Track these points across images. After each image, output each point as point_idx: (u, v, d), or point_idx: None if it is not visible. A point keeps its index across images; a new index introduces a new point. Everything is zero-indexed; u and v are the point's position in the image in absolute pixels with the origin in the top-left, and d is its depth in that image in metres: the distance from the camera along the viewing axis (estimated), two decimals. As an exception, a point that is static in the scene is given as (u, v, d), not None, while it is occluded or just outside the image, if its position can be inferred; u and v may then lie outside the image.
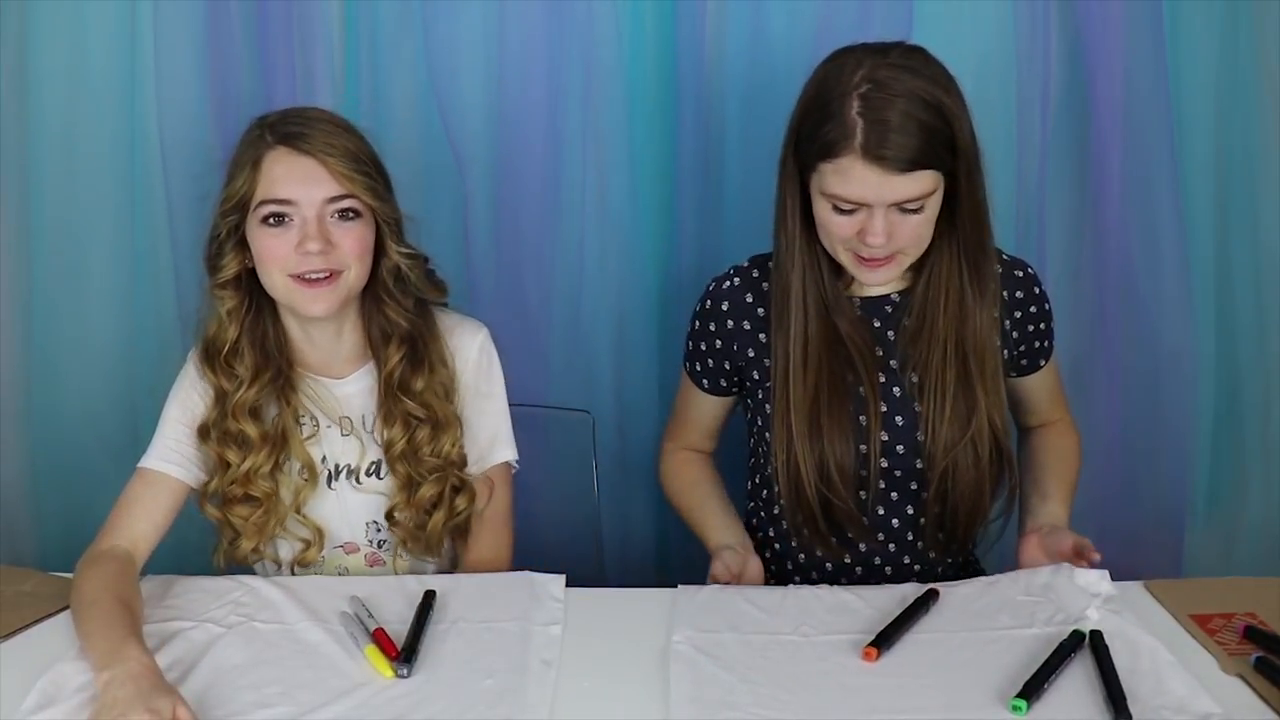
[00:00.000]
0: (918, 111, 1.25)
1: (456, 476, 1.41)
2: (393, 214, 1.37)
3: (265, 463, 1.36)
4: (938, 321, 1.38)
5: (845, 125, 1.26)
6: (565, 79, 1.71)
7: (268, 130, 1.33)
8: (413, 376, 1.39)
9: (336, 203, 1.31)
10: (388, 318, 1.39)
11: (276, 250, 1.31)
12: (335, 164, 1.30)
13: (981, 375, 1.38)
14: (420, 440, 1.39)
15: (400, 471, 1.39)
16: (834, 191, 1.29)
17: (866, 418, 1.39)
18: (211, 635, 1.20)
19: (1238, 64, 1.73)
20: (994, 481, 1.42)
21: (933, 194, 1.29)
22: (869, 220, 1.28)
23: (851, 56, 1.31)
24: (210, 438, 1.36)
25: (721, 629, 1.22)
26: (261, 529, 1.38)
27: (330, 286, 1.32)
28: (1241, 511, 1.89)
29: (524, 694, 1.10)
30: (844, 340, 1.39)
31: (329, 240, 1.30)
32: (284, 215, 1.30)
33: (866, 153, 1.25)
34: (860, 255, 1.32)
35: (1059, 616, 1.23)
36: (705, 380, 1.51)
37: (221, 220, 1.34)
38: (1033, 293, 1.47)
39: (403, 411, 1.38)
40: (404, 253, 1.38)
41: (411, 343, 1.40)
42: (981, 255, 1.37)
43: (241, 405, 1.35)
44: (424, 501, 1.39)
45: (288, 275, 1.31)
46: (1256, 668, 1.13)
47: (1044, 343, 1.50)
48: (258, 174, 1.31)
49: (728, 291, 1.46)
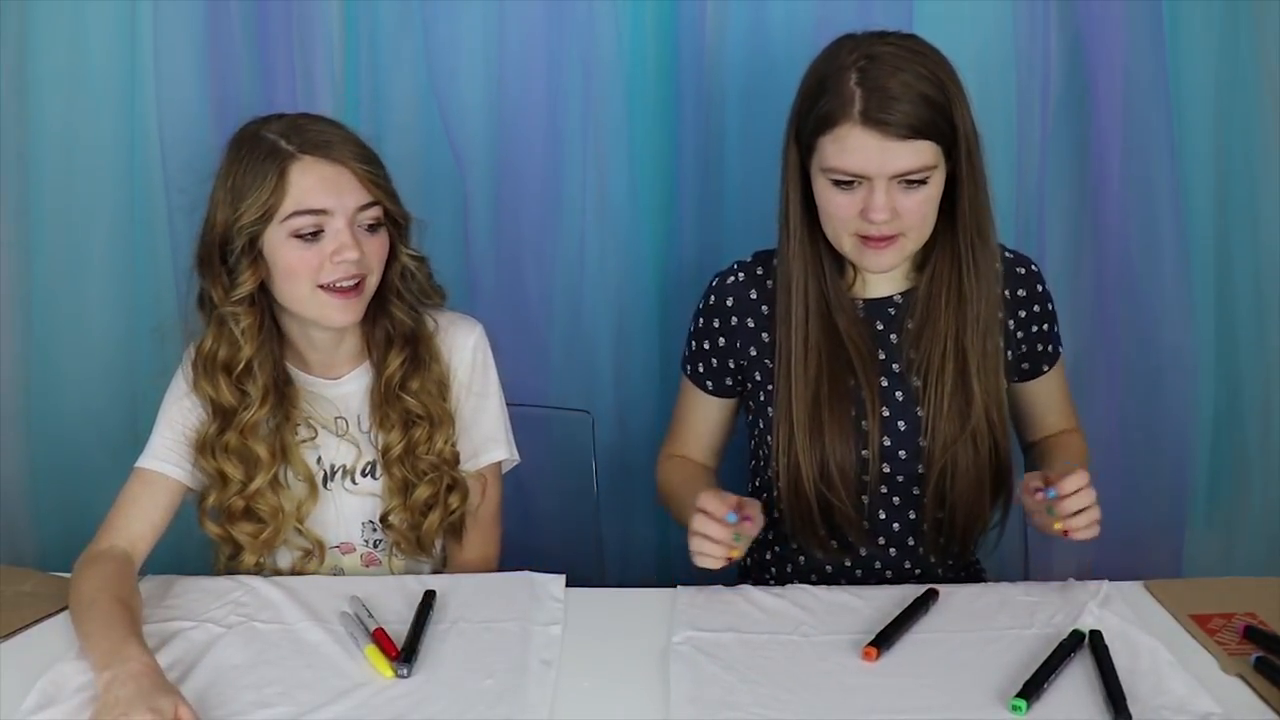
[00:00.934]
0: (916, 83, 1.25)
1: (450, 475, 1.40)
2: (405, 217, 1.36)
3: (269, 478, 1.35)
4: (939, 319, 1.37)
5: (843, 96, 1.25)
6: (565, 79, 1.71)
7: (283, 139, 1.29)
8: (411, 376, 1.38)
9: (365, 211, 1.30)
10: (393, 319, 1.38)
11: (309, 261, 1.28)
12: (363, 171, 1.30)
13: (980, 370, 1.37)
14: (417, 440, 1.38)
15: (396, 475, 1.38)
16: (833, 164, 1.27)
17: (867, 421, 1.38)
18: (211, 635, 1.20)
19: (1238, 64, 1.73)
20: (992, 484, 1.40)
21: (934, 169, 1.28)
22: (870, 195, 1.27)
23: (848, 40, 1.31)
24: (210, 453, 1.34)
25: (721, 629, 1.22)
26: (266, 544, 1.36)
27: (358, 296, 1.31)
28: (1241, 511, 1.89)
29: (524, 694, 1.10)
30: (845, 342, 1.38)
31: (361, 249, 1.30)
32: (319, 226, 1.28)
33: (866, 118, 1.24)
34: (864, 235, 1.30)
35: (1059, 617, 1.23)
36: (709, 381, 1.48)
37: (238, 234, 1.28)
38: (1035, 291, 1.45)
39: (401, 410, 1.37)
40: (412, 255, 1.37)
41: (413, 344, 1.39)
42: (981, 245, 1.35)
43: (252, 426, 1.33)
44: (419, 503, 1.38)
45: (316, 286, 1.29)
46: (1256, 668, 1.13)
47: (1048, 345, 1.48)
48: (285, 183, 1.27)
49: (732, 287, 1.45)
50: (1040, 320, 1.46)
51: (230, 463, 1.34)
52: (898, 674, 1.13)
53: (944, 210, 1.33)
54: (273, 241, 1.29)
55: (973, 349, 1.37)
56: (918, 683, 1.12)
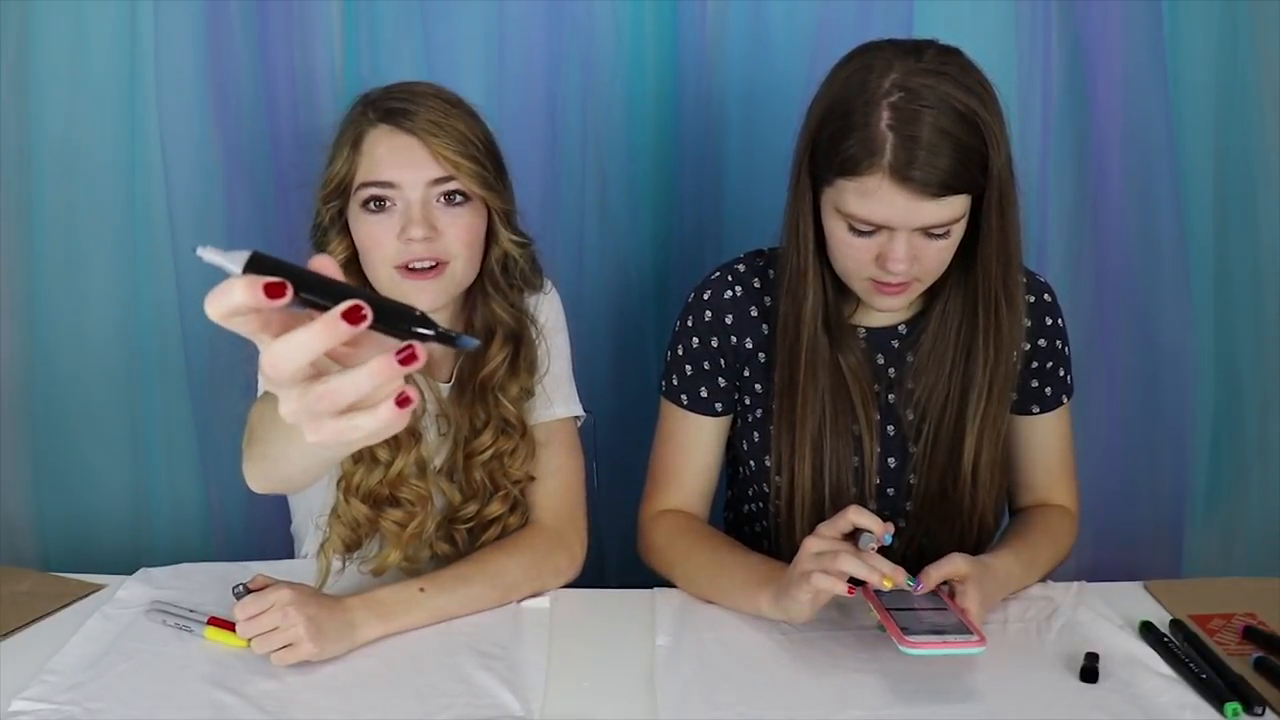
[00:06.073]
0: (954, 128, 1.11)
1: (517, 497, 1.33)
2: (503, 204, 1.27)
3: (412, 463, 1.26)
4: (944, 363, 1.28)
5: (873, 141, 1.12)
6: (565, 79, 1.71)
7: (370, 107, 1.24)
8: (511, 380, 1.30)
9: (440, 185, 1.21)
10: (493, 312, 1.29)
11: (380, 238, 1.21)
12: (439, 145, 1.20)
13: (978, 415, 1.27)
14: (506, 450, 1.30)
15: (476, 479, 1.29)
16: (853, 211, 1.15)
17: (860, 459, 1.32)
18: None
19: (1237, 64, 1.73)
20: (974, 543, 1.34)
21: (961, 219, 1.17)
22: (890, 244, 1.16)
23: (880, 57, 1.15)
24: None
25: (701, 629, 1.22)
26: (414, 535, 1.27)
27: (437, 277, 1.22)
28: (1241, 511, 1.89)
29: (512, 694, 1.09)
30: (845, 376, 1.29)
31: (434, 226, 1.21)
32: (385, 199, 1.21)
33: (895, 173, 1.11)
34: (877, 281, 1.20)
35: (1031, 611, 1.24)
36: (719, 403, 1.36)
37: (323, 206, 1.25)
38: (1043, 324, 1.34)
39: (497, 416, 1.29)
40: (515, 240, 1.28)
41: (515, 343, 1.31)
42: (1005, 300, 1.23)
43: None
44: (488, 518, 1.31)
45: (392, 267, 1.22)
46: (1256, 668, 1.13)
47: (1045, 387, 1.36)
48: (358, 155, 1.22)
49: (729, 302, 1.35)
50: (1045, 357, 1.35)
51: (381, 444, 1.23)
52: (879, 671, 1.13)
53: (963, 243, 1.21)
54: (352, 215, 1.24)
55: (973, 406, 1.27)
56: (898, 680, 1.12)
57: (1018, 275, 1.25)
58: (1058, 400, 1.38)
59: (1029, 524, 1.35)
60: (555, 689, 1.11)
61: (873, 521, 1.14)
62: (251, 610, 1.11)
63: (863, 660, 1.15)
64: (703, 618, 1.25)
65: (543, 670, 1.14)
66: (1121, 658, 1.15)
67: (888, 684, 1.11)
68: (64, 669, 1.13)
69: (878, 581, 1.10)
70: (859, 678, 1.13)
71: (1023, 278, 1.27)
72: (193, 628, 1.20)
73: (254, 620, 1.11)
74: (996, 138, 1.15)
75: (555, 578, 1.30)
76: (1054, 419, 1.38)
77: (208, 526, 1.84)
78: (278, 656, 1.11)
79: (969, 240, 1.21)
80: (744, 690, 1.10)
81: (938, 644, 1.06)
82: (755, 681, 1.12)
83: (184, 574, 1.33)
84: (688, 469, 1.39)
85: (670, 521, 1.37)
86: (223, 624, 1.18)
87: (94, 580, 1.32)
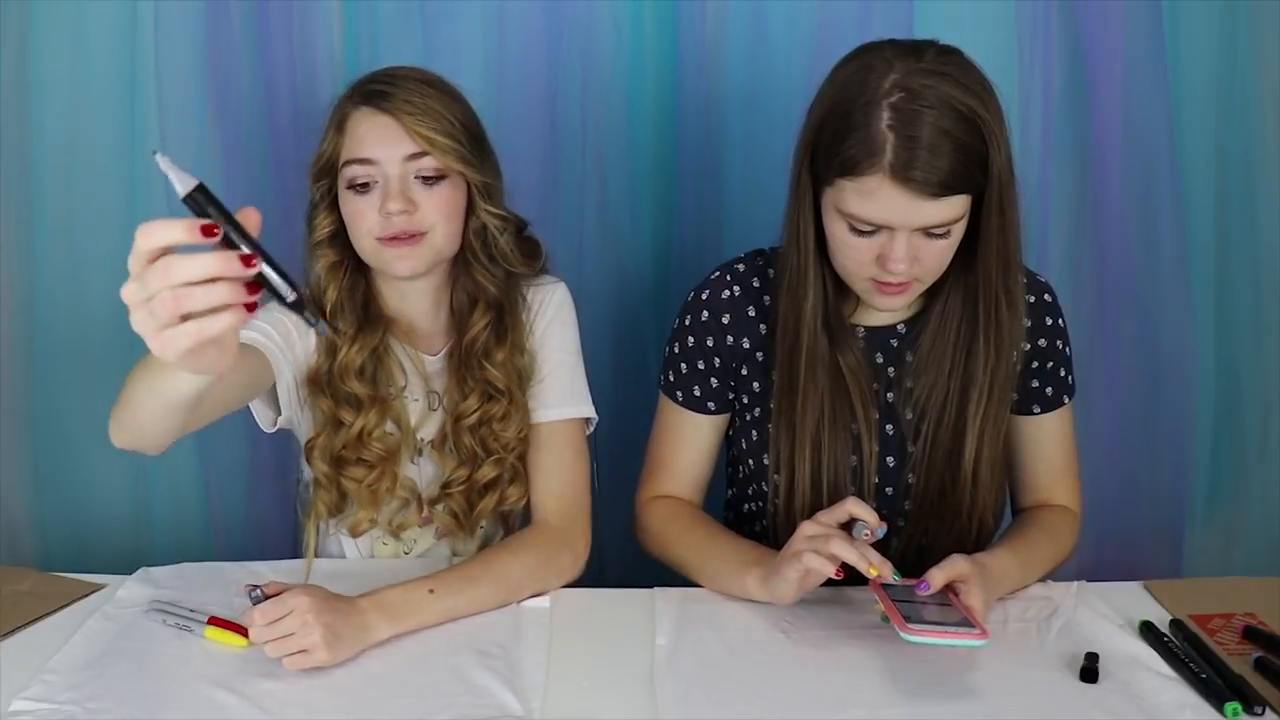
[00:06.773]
0: (955, 128, 1.12)
1: (514, 465, 1.38)
2: (483, 179, 1.33)
3: (377, 423, 1.34)
4: (944, 362, 1.29)
5: (873, 141, 1.13)
6: (565, 78, 1.71)
7: (354, 90, 1.32)
8: (496, 346, 1.36)
9: (416, 160, 1.28)
10: (475, 281, 1.36)
11: (364, 212, 1.28)
12: (413, 122, 1.27)
13: (977, 426, 1.28)
14: (493, 414, 1.35)
15: (465, 445, 1.36)
16: (854, 211, 1.16)
17: (859, 458, 1.33)
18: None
19: (1237, 64, 1.73)
20: (974, 543, 1.35)
21: (961, 219, 1.18)
22: (890, 244, 1.17)
23: (880, 57, 1.16)
24: (324, 391, 1.33)
25: (701, 629, 1.22)
26: (376, 495, 1.35)
27: (415, 244, 1.29)
28: (1241, 511, 1.89)
29: (512, 693, 1.09)
30: (844, 375, 1.30)
31: (411, 200, 1.27)
32: (368, 177, 1.28)
33: (895, 173, 1.12)
34: (878, 281, 1.22)
35: (1031, 610, 1.24)
36: (712, 402, 1.39)
37: (313, 185, 1.34)
38: (1044, 324, 1.35)
39: (482, 380, 1.35)
40: (493, 213, 1.34)
41: (498, 310, 1.36)
42: (1005, 300, 1.24)
43: (347, 366, 1.32)
44: (480, 482, 1.37)
45: (376, 239, 1.29)
46: (1256, 668, 1.13)
47: (1048, 388, 1.37)
48: (342, 135, 1.30)
49: (727, 302, 1.36)
50: (1044, 357, 1.36)
51: (344, 407, 1.33)
52: (878, 670, 1.13)
53: (963, 243, 1.22)
54: (340, 193, 1.31)
55: (973, 406, 1.29)
56: (899, 679, 1.12)
57: (1018, 275, 1.26)
58: (1059, 400, 1.38)
59: (1028, 524, 1.36)
60: (555, 688, 1.11)
61: (870, 515, 1.17)
62: (271, 615, 1.11)
63: (864, 660, 1.15)
64: (703, 617, 1.24)
65: (543, 670, 1.14)
66: (1121, 658, 1.15)
67: (889, 683, 1.11)
68: (64, 669, 1.13)
69: (865, 569, 1.13)
70: (860, 677, 1.13)
71: (1023, 277, 1.28)
72: (193, 627, 1.20)
73: (271, 626, 1.11)
74: (996, 138, 1.15)
75: (558, 577, 1.32)
76: (1055, 419, 1.39)
77: (208, 526, 1.84)
78: (290, 661, 1.11)
79: (969, 240, 1.22)
80: (744, 690, 1.10)
81: (939, 633, 1.08)
82: (755, 681, 1.12)
83: (184, 574, 1.33)
84: (682, 461, 1.43)
85: (665, 506, 1.41)
86: (223, 624, 1.18)
87: (94, 580, 1.32)
